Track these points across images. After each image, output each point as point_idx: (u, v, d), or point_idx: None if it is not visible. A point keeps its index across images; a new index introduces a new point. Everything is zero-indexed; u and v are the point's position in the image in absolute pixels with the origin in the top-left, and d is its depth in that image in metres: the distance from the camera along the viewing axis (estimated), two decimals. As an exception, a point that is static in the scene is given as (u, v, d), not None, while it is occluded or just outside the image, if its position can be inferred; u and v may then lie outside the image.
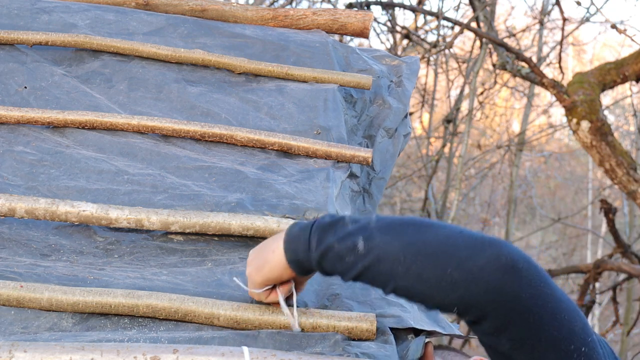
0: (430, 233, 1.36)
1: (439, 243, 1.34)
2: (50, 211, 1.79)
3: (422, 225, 1.38)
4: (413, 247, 1.35)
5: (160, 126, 2.12)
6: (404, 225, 1.38)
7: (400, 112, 2.41)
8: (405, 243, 1.35)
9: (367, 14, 2.68)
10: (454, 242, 1.33)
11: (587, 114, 5.07)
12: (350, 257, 1.39)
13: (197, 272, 1.70)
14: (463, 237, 1.34)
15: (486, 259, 1.30)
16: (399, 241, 1.35)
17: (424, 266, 1.33)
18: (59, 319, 1.53)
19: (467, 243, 1.32)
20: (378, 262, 1.37)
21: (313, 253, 1.43)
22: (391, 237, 1.36)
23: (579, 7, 13.53)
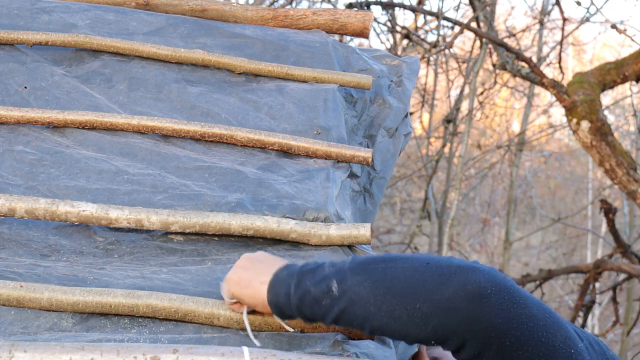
0: (397, 268, 1.35)
1: (406, 278, 1.33)
2: (50, 211, 1.79)
3: (391, 260, 1.38)
4: (381, 285, 1.35)
5: (160, 126, 2.12)
6: (374, 264, 1.38)
7: (401, 112, 2.41)
8: (374, 282, 1.35)
9: (367, 14, 2.68)
10: (421, 275, 1.33)
11: (587, 114, 5.07)
12: (327, 300, 1.39)
13: (197, 270, 1.70)
14: (430, 269, 1.33)
15: (453, 289, 1.29)
16: (369, 281, 1.36)
17: (393, 304, 1.33)
18: (59, 319, 1.53)
19: (433, 274, 1.32)
20: (352, 304, 1.37)
21: (292, 299, 1.44)
22: (362, 278, 1.37)
23: (579, 7, 13.53)
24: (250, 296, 1.50)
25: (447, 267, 1.33)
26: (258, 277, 1.50)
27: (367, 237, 1.84)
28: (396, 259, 1.38)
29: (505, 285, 1.30)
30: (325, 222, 1.86)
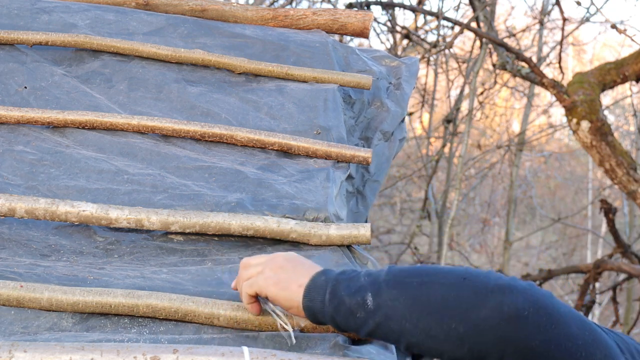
0: (434, 284, 1.32)
1: (442, 295, 1.31)
2: (50, 211, 1.79)
3: (427, 274, 1.35)
4: (418, 302, 1.32)
5: (160, 126, 2.12)
6: (410, 277, 1.35)
7: (398, 116, 2.41)
8: (410, 298, 1.32)
9: (367, 14, 2.68)
10: (457, 293, 1.30)
11: (587, 114, 5.07)
12: (361, 313, 1.36)
13: (197, 271, 1.70)
14: (466, 285, 1.30)
15: (489, 310, 1.27)
16: (405, 296, 1.33)
17: (430, 322, 1.30)
18: (59, 319, 1.53)
19: (470, 292, 1.29)
20: (387, 319, 1.34)
21: (327, 307, 1.40)
22: (397, 292, 1.34)
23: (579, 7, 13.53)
24: (286, 298, 1.46)
25: (483, 285, 1.29)
26: (297, 279, 1.46)
27: (367, 237, 1.84)
28: (433, 272, 1.35)
29: (544, 305, 1.27)
30: (325, 222, 1.86)
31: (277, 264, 1.50)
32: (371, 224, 1.89)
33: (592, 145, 5.09)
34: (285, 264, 1.50)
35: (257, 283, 1.49)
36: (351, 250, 1.87)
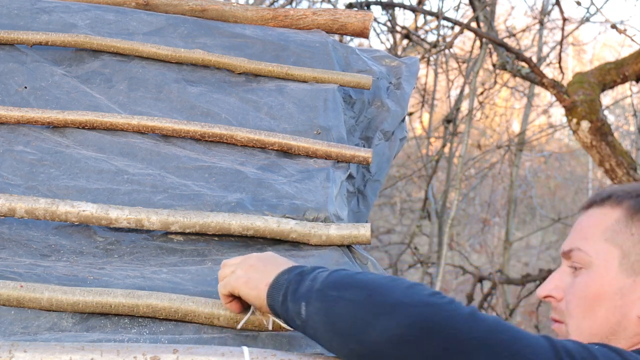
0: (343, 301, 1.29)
1: (346, 314, 1.28)
2: (50, 211, 1.79)
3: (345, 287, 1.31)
4: (329, 320, 1.30)
5: (160, 126, 2.12)
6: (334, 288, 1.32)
7: (398, 116, 2.41)
8: (326, 315, 1.31)
9: (367, 14, 2.68)
10: (358, 312, 1.26)
11: (587, 114, 5.07)
12: (299, 321, 1.36)
13: (197, 271, 1.70)
14: (367, 304, 1.26)
15: (378, 332, 1.23)
16: (323, 312, 1.31)
17: (338, 342, 1.30)
18: (59, 319, 1.53)
19: (367, 312, 1.25)
20: (314, 332, 1.34)
21: (281, 309, 1.40)
22: (319, 305, 1.32)
23: (579, 7, 13.53)
24: (255, 297, 1.46)
25: (381, 304, 1.25)
26: (265, 278, 1.45)
27: (367, 237, 1.84)
28: (350, 285, 1.31)
29: (438, 329, 1.20)
30: (325, 222, 1.86)
31: (248, 264, 1.50)
32: (371, 224, 1.89)
33: (592, 145, 5.09)
34: (257, 263, 1.49)
35: (229, 283, 1.50)
36: (351, 251, 1.87)
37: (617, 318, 1.42)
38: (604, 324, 1.43)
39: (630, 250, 1.43)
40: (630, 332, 1.42)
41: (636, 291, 1.42)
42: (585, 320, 1.44)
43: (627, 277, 1.42)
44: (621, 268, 1.43)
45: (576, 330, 1.45)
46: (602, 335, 1.42)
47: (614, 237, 1.45)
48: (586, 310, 1.44)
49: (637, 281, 1.42)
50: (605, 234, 1.46)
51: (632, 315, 1.41)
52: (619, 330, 1.42)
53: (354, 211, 2.17)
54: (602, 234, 1.47)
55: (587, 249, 1.47)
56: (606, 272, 1.44)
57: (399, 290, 1.26)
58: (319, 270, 1.40)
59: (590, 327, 1.44)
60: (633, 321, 1.41)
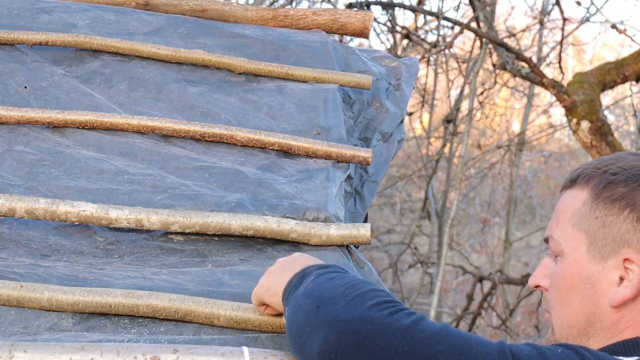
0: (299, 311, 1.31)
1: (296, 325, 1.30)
2: (50, 211, 1.79)
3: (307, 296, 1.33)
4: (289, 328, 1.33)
5: (160, 126, 2.12)
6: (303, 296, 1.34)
7: (397, 117, 2.41)
8: (289, 322, 1.34)
9: (367, 14, 2.68)
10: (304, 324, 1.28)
11: (587, 114, 5.07)
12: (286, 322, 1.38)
13: (197, 272, 1.70)
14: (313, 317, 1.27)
15: (312, 346, 1.25)
16: (289, 320, 1.34)
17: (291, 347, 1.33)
18: (59, 319, 1.53)
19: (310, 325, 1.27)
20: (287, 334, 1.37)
21: None
22: (289, 312, 1.35)
23: (579, 7, 13.52)
24: (277, 304, 1.47)
25: (319, 317, 1.26)
26: (281, 283, 1.46)
27: (367, 237, 1.84)
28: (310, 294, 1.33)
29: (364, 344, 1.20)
30: (325, 222, 1.86)
31: (270, 270, 1.51)
32: (371, 224, 1.89)
33: (592, 145, 5.09)
34: (277, 268, 1.50)
35: (255, 293, 1.52)
36: (350, 253, 1.87)
37: (590, 308, 1.37)
38: (579, 315, 1.38)
39: (596, 235, 1.37)
40: (606, 323, 1.36)
41: (606, 278, 1.35)
42: (562, 312, 1.41)
43: (596, 264, 1.36)
44: (589, 255, 1.37)
45: (557, 322, 1.42)
46: (580, 327, 1.38)
47: (581, 222, 1.39)
48: (562, 300, 1.40)
49: (607, 267, 1.36)
50: (572, 219, 1.41)
51: (604, 304, 1.35)
52: (594, 321, 1.37)
53: (350, 211, 2.17)
54: (570, 219, 1.41)
55: (558, 236, 1.42)
56: (575, 260, 1.39)
57: (343, 302, 1.26)
58: (317, 272, 1.40)
59: (568, 318, 1.40)
60: (606, 310, 1.36)
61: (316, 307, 1.28)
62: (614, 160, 1.42)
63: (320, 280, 1.36)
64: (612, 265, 1.35)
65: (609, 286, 1.35)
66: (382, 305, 1.25)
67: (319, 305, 1.28)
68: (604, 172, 1.40)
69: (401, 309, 1.25)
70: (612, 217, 1.36)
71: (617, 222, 1.36)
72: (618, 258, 1.35)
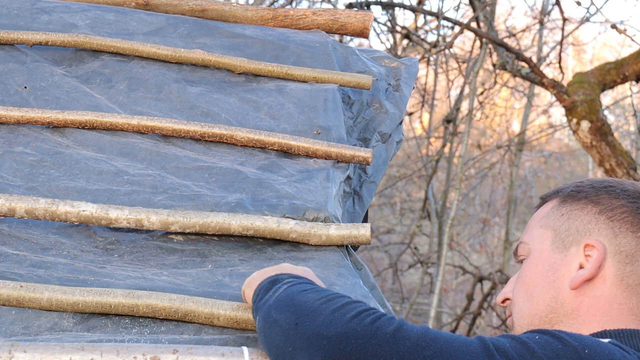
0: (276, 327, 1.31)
1: (276, 342, 1.30)
2: (50, 211, 1.79)
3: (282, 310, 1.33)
4: (265, 342, 1.34)
5: (160, 126, 2.12)
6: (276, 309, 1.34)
7: (396, 118, 2.41)
8: (263, 337, 1.35)
9: (367, 14, 2.68)
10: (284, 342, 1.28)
11: (587, 114, 5.08)
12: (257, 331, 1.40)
13: (197, 273, 1.70)
14: (292, 335, 1.27)
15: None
16: (263, 333, 1.35)
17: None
18: (60, 318, 1.53)
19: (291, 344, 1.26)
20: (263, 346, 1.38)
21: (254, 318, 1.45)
22: (262, 324, 1.36)
23: (579, 7, 13.53)
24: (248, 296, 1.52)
25: (300, 336, 1.25)
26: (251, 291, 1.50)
27: (367, 238, 1.84)
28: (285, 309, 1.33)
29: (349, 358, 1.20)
30: (325, 222, 1.86)
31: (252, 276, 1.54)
32: (371, 224, 1.88)
33: (592, 145, 5.09)
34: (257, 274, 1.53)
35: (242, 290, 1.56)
36: (349, 254, 1.87)
37: (551, 294, 1.42)
38: (540, 302, 1.43)
39: (560, 228, 1.46)
40: (567, 308, 1.40)
41: (567, 265, 1.42)
42: (524, 303, 1.45)
43: (559, 253, 1.44)
44: (553, 246, 1.45)
45: (518, 314, 1.47)
46: (542, 315, 1.42)
47: (547, 222, 1.49)
48: (525, 293, 1.46)
49: (568, 255, 1.43)
50: (540, 222, 1.50)
51: (565, 288, 1.41)
52: (556, 307, 1.41)
53: (349, 212, 2.17)
54: (538, 222, 1.51)
55: (527, 239, 1.51)
56: (540, 253, 1.46)
57: (322, 317, 1.26)
58: (286, 281, 1.41)
59: (529, 308, 1.44)
60: (567, 295, 1.40)
61: (294, 324, 1.28)
62: (583, 180, 1.54)
63: (293, 291, 1.37)
64: (574, 253, 1.43)
65: (569, 272, 1.42)
66: (362, 315, 1.25)
67: (297, 322, 1.28)
68: (572, 184, 1.52)
69: (381, 316, 1.25)
70: (576, 210, 1.46)
71: (580, 215, 1.45)
72: (579, 246, 1.43)
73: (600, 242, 1.41)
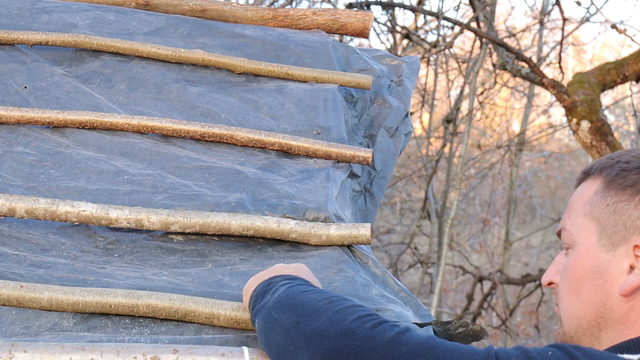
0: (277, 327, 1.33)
1: (277, 342, 1.32)
2: (50, 211, 1.79)
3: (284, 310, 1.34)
4: (265, 342, 1.36)
5: (160, 126, 2.12)
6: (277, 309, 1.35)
7: (401, 111, 2.41)
8: (264, 337, 1.36)
9: (367, 14, 2.68)
10: (286, 341, 1.29)
11: (587, 114, 5.08)
12: (258, 333, 1.41)
13: (197, 273, 1.70)
14: (294, 334, 1.29)
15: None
16: (263, 333, 1.36)
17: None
18: (60, 319, 1.53)
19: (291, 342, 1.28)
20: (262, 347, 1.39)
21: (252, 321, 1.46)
22: (262, 325, 1.37)
23: (579, 7, 13.53)
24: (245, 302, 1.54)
25: (302, 335, 1.27)
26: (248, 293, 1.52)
27: (367, 237, 1.84)
28: (286, 309, 1.34)
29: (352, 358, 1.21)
30: (325, 222, 1.86)
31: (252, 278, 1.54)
32: (371, 224, 1.88)
33: (592, 145, 5.09)
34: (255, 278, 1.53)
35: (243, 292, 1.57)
36: (351, 250, 1.87)
37: (600, 298, 1.34)
38: (588, 306, 1.36)
39: (606, 222, 1.35)
40: (617, 314, 1.33)
41: (616, 267, 1.33)
42: (571, 304, 1.39)
43: (606, 253, 1.34)
44: (599, 243, 1.35)
45: (565, 314, 1.41)
46: (590, 319, 1.36)
47: (592, 210, 1.38)
48: (572, 292, 1.38)
49: (617, 255, 1.33)
50: (584, 208, 1.39)
51: (614, 293, 1.32)
52: (605, 312, 1.34)
53: (361, 210, 2.16)
54: (581, 208, 1.40)
55: (570, 226, 1.41)
56: (586, 249, 1.37)
57: (324, 317, 1.27)
58: (282, 283, 1.42)
59: (577, 310, 1.38)
60: (617, 300, 1.32)
61: (296, 324, 1.29)
62: (627, 151, 1.41)
63: (293, 291, 1.37)
64: (622, 253, 1.33)
65: (619, 274, 1.32)
66: (364, 318, 1.26)
67: (299, 321, 1.29)
68: (617, 161, 1.39)
69: (384, 322, 1.25)
70: (623, 203, 1.34)
71: (628, 209, 1.33)
72: (628, 245, 1.32)
73: None
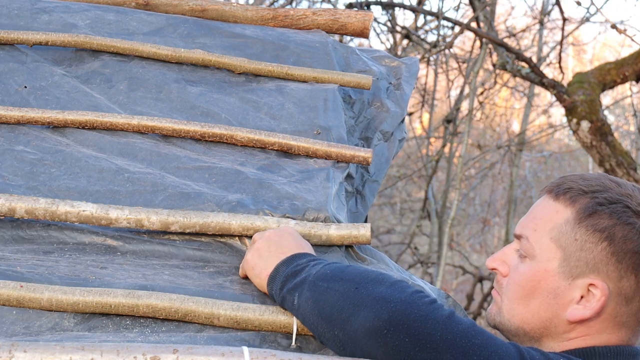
0: (332, 291, 1.39)
1: (333, 303, 1.37)
2: (50, 211, 1.79)
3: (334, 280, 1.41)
4: (316, 307, 1.40)
5: (160, 126, 2.12)
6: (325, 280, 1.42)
7: (398, 117, 2.41)
8: (314, 303, 1.41)
9: (367, 14, 2.68)
10: (344, 302, 1.36)
11: (587, 114, 5.08)
12: (293, 309, 1.47)
13: (197, 273, 1.70)
14: (353, 296, 1.35)
15: (358, 323, 1.32)
16: (312, 300, 1.41)
17: (323, 327, 1.39)
18: (61, 319, 1.53)
19: (352, 303, 1.34)
20: (303, 319, 1.45)
21: (279, 300, 1.51)
22: (310, 295, 1.42)
23: (579, 7, 13.52)
24: (259, 285, 1.59)
25: (363, 297, 1.34)
26: (266, 268, 1.56)
27: (367, 237, 1.84)
28: (338, 278, 1.41)
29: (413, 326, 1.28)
30: (325, 222, 1.86)
31: (255, 247, 1.62)
32: (371, 224, 1.89)
33: (592, 145, 5.09)
34: (263, 246, 1.61)
35: (242, 268, 1.65)
36: (352, 250, 1.87)
37: (548, 315, 1.48)
38: (535, 316, 1.49)
39: (571, 254, 1.47)
40: (560, 330, 1.48)
41: (570, 294, 1.47)
42: (519, 306, 1.51)
43: (564, 280, 1.47)
44: (560, 269, 1.47)
45: (509, 311, 1.53)
46: (534, 327, 1.50)
47: (560, 238, 1.49)
48: (521, 297, 1.51)
49: (572, 285, 1.46)
50: (552, 232, 1.50)
51: (562, 316, 1.47)
52: (550, 327, 1.48)
53: (352, 211, 2.17)
54: (549, 231, 1.50)
55: (534, 241, 1.52)
56: (546, 270, 1.49)
57: (384, 286, 1.35)
58: (313, 263, 1.50)
59: (523, 314, 1.51)
60: (562, 322, 1.48)
61: (354, 289, 1.36)
62: (600, 188, 1.49)
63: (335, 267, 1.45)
64: (578, 285, 1.47)
65: (570, 301, 1.47)
66: (420, 294, 1.35)
67: (357, 287, 1.36)
68: (591, 198, 1.48)
69: (435, 300, 1.34)
70: (590, 244, 1.46)
71: (594, 250, 1.45)
72: (585, 281, 1.46)
73: (606, 286, 1.44)
